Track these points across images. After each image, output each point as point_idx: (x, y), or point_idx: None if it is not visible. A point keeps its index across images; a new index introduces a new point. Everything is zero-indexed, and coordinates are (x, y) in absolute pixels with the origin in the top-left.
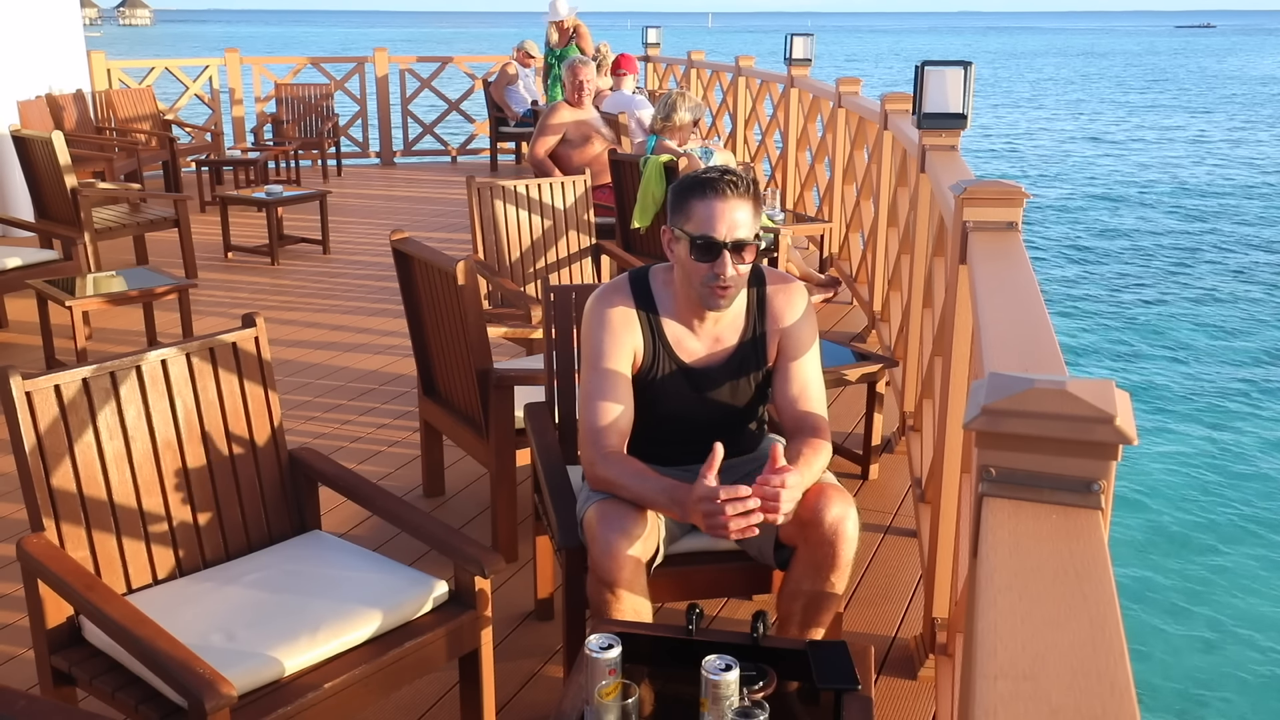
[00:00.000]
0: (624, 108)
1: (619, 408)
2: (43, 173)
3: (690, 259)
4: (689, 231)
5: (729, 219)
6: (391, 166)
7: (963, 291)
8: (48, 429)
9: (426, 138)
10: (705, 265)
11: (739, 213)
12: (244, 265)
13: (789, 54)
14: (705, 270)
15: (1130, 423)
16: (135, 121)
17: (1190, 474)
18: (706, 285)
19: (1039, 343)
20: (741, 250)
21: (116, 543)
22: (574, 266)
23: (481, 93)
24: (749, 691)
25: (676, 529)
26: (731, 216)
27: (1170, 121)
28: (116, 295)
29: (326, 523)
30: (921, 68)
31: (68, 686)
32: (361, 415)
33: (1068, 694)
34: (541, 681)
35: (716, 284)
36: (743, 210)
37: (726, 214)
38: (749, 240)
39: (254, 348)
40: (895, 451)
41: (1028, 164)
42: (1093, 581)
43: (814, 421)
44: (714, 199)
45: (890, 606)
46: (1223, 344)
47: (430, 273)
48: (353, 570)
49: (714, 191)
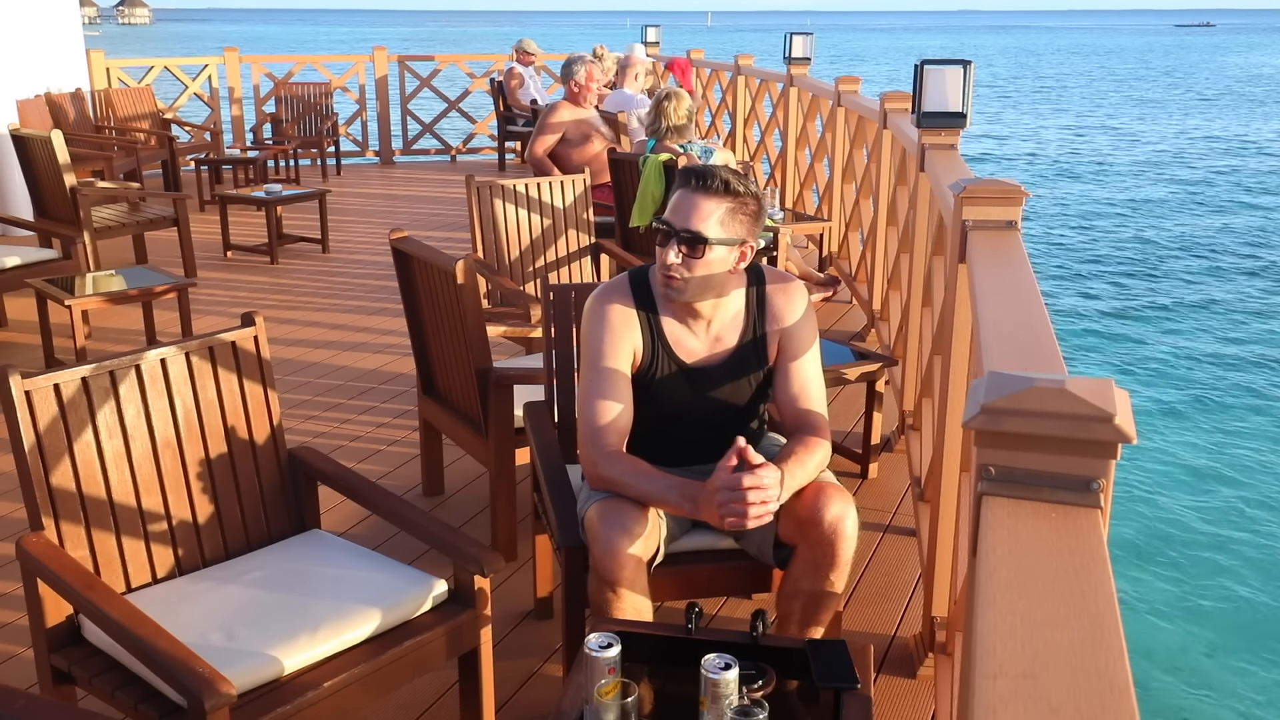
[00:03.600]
0: (624, 107)
1: (618, 407)
2: (42, 172)
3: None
4: (660, 216)
5: (696, 211)
6: (391, 165)
7: (962, 290)
8: (47, 428)
9: (426, 137)
10: (659, 251)
11: (707, 208)
12: (243, 264)
13: (788, 53)
14: (660, 256)
15: (1130, 421)
16: (134, 120)
17: (1190, 473)
18: (659, 271)
19: (1038, 341)
20: (693, 244)
21: (116, 542)
22: (573, 265)
23: (480, 92)
24: (748, 690)
25: (677, 528)
26: (700, 209)
27: (1170, 121)
28: (116, 294)
29: (326, 522)
30: (921, 66)
31: (67, 685)
32: (361, 414)
33: (1067, 693)
34: (541, 680)
35: (663, 270)
36: (709, 206)
37: (695, 206)
38: (702, 235)
39: (253, 347)
40: (894, 450)
41: (1027, 163)
42: (1092, 580)
43: (814, 420)
44: (686, 189)
45: (889, 605)
46: (1223, 343)
47: (430, 272)
48: (352, 569)
49: (688, 183)
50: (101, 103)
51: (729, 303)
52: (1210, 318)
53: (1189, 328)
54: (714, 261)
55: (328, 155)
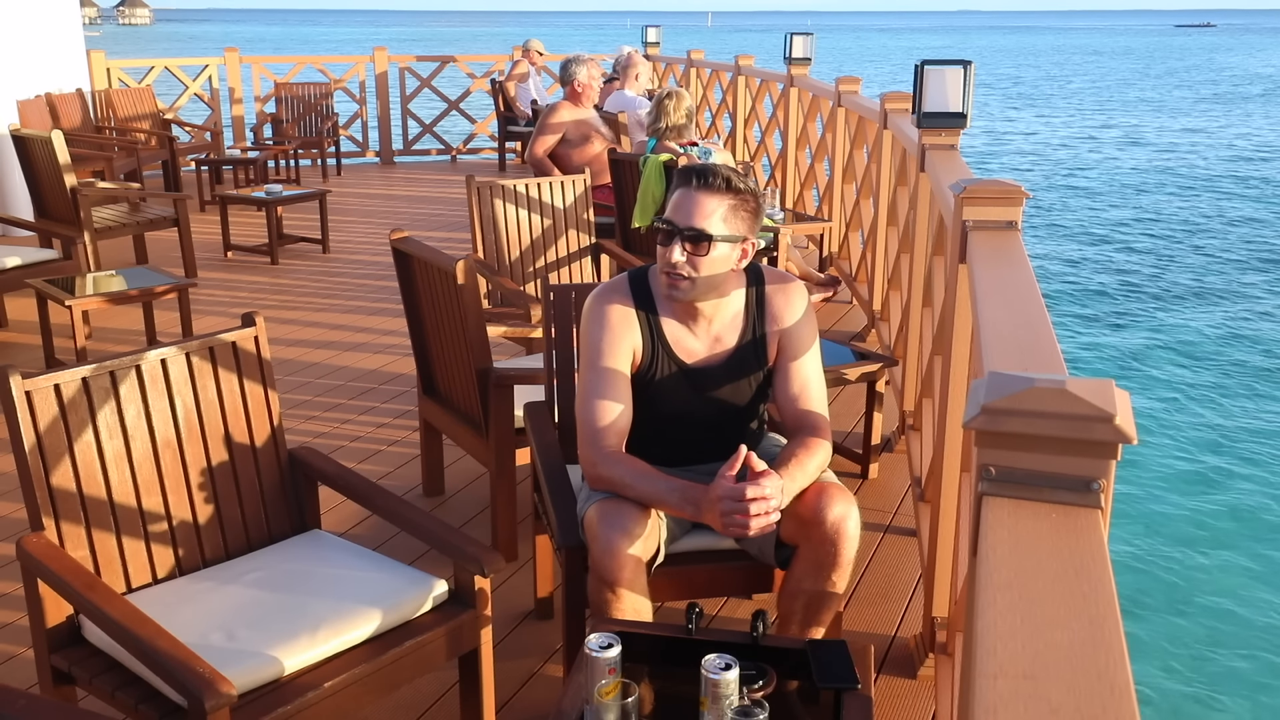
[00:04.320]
0: (624, 107)
1: (618, 407)
2: (42, 172)
3: (658, 245)
4: (661, 216)
5: (698, 209)
6: (391, 166)
7: (962, 290)
8: (47, 428)
9: (426, 137)
10: (662, 250)
11: (709, 205)
12: (244, 264)
13: (788, 53)
14: (662, 255)
15: (1130, 422)
16: (135, 121)
17: (1190, 473)
18: (662, 271)
19: (1038, 342)
20: (697, 242)
21: (116, 542)
22: (574, 266)
23: (481, 92)
24: (749, 690)
25: (677, 528)
26: (702, 207)
27: (1171, 119)
28: (116, 294)
29: (326, 522)
30: (921, 67)
31: (67, 685)
32: (361, 414)
33: (1067, 693)
34: (541, 681)
35: (667, 269)
36: (712, 204)
37: (697, 204)
38: (707, 233)
39: (254, 347)
40: (895, 451)
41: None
42: (1092, 580)
43: (814, 420)
44: (692, 189)
45: (890, 605)
46: (1223, 343)
47: (430, 272)
48: (352, 569)
49: (689, 182)
50: (102, 103)
51: (729, 303)
52: (1210, 318)
53: (1189, 328)
54: (717, 260)
55: (328, 155)
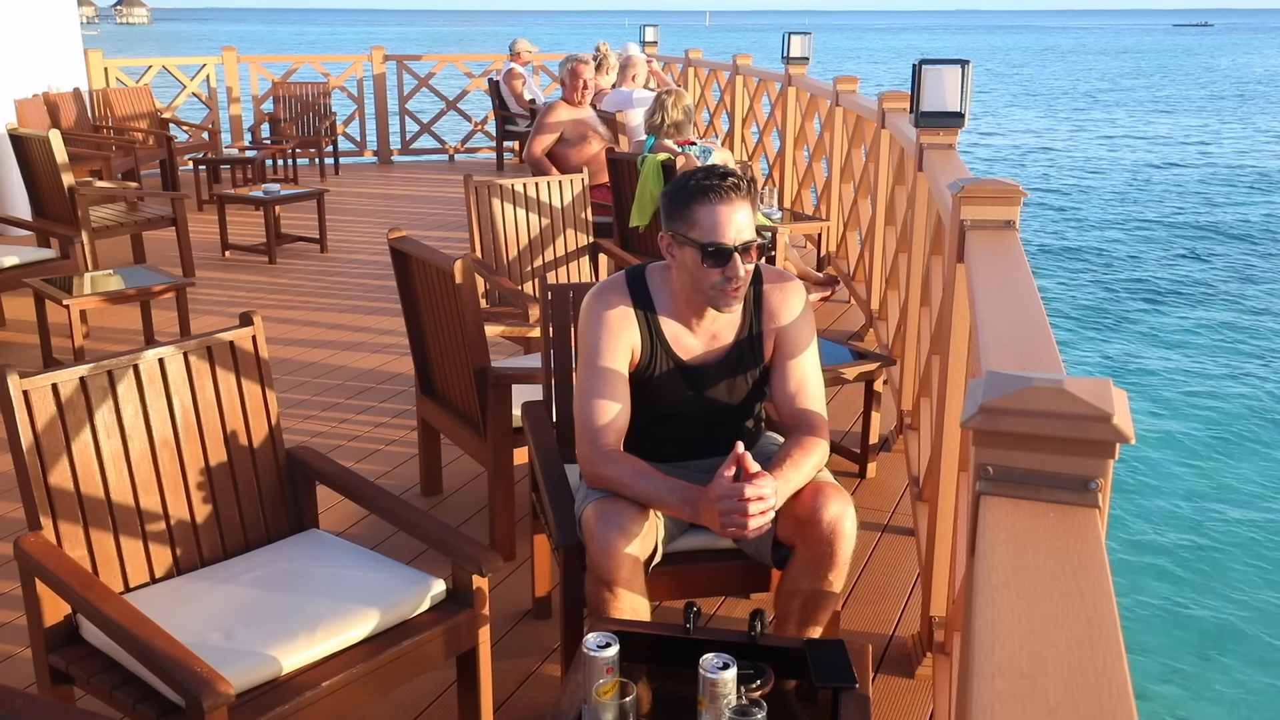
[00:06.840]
0: (622, 106)
1: (616, 406)
2: (40, 171)
3: (701, 266)
4: (696, 239)
5: (735, 222)
6: (389, 165)
7: (960, 290)
8: (45, 428)
9: (424, 136)
10: (717, 270)
11: (741, 214)
12: (241, 264)
13: (786, 52)
14: (717, 275)
15: (1128, 421)
16: (132, 120)
17: (1188, 472)
18: (717, 289)
19: (1036, 341)
20: (748, 250)
21: (114, 541)
22: (572, 265)
23: (479, 91)
24: (746, 690)
25: (675, 527)
26: (736, 219)
27: (1170, 119)
28: (114, 294)
29: (324, 521)
30: (919, 66)
31: (65, 685)
32: (359, 414)
33: (1065, 692)
34: (539, 680)
35: (729, 286)
36: (744, 211)
37: (732, 218)
38: (753, 240)
39: (251, 346)
40: (893, 450)
41: (1025, 162)
42: (1090, 580)
43: (812, 419)
44: (718, 203)
45: (888, 605)
46: (1223, 342)
47: (428, 271)
48: (350, 569)
49: (717, 196)
50: (100, 102)
51: None
52: (1210, 318)
53: (1189, 328)
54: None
55: (326, 155)
